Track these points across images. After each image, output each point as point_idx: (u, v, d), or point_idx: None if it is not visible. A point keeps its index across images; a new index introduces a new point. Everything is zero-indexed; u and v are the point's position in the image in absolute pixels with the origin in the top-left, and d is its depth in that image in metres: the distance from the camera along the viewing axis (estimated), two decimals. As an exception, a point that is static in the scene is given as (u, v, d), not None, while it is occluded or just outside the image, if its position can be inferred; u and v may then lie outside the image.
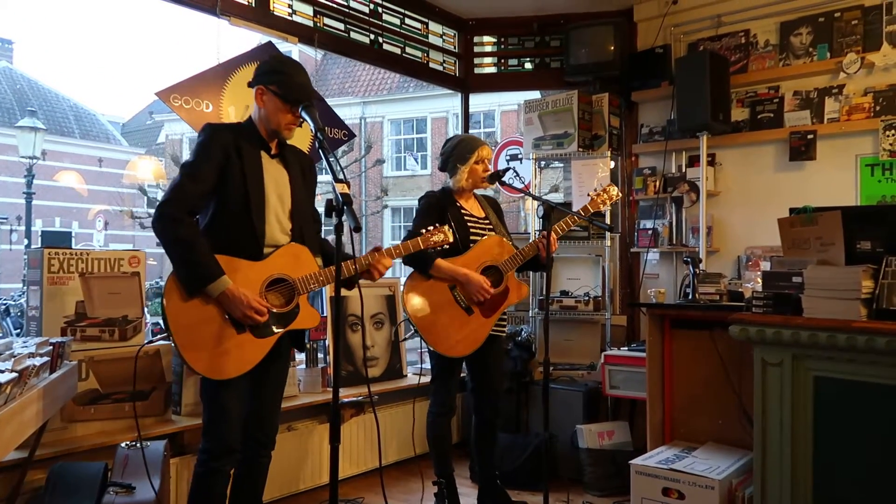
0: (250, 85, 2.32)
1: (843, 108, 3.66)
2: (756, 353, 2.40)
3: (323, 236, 2.58)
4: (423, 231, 2.57)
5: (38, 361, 2.03)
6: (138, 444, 2.49)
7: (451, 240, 2.58)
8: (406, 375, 4.16)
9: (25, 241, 14.78)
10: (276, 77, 2.26)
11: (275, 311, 2.23)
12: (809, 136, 3.73)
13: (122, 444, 2.52)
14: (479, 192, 3.20)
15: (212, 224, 2.22)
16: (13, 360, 1.91)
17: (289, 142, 2.41)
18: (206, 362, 2.13)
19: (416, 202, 3.13)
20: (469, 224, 3.00)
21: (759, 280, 2.60)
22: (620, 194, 3.25)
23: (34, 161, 13.41)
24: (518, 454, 3.61)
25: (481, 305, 2.90)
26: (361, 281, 2.38)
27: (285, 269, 2.26)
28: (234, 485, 2.34)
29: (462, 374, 3.17)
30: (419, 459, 3.76)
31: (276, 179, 2.30)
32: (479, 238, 2.98)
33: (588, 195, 3.07)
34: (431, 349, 2.92)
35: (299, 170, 2.40)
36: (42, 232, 20.12)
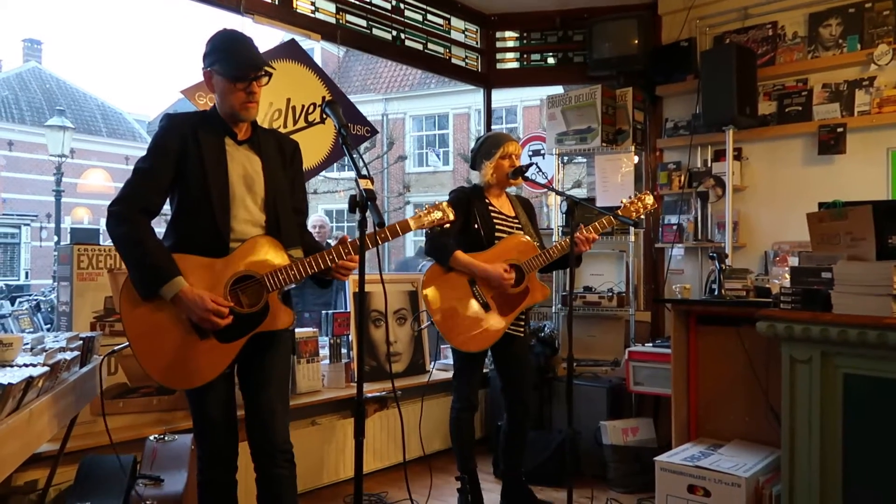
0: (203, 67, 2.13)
1: (874, 100, 3.59)
2: (784, 350, 2.37)
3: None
4: (417, 211, 2.36)
5: (68, 356, 2.07)
6: (166, 438, 2.53)
7: (450, 217, 2.33)
8: (429, 371, 4.17)
9: (55, 238, 15.05)
10: (218, 55, 2.07)
11: (241, 311, 2.02)
12: (839, 130, 3.66)
13: (151, 438, 2.56)
14: (512, 191, 3.18)
15: (174, 221, 2.06)
16: (45, 354, 1.95)
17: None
18: (165, 371, 1.98)
19: (437, 198, 3.13)
20: (496, 221, 2.99)
21: (787, 276, 2.56)
22: (656, 204, 3.17)
23: (63, 159, 13.65)
24: (541, 451, 3.60)
25: (499, 303, 2.89)
26: (385, 276, 2.31)
27: (251, 264, 2.04)
28: (258, 500, 2.18)
29: (486, 371, 3.17)
30: (443, 455, 3.76)
31: (244, 167, 2.10)
32: (504, 236, 2.97)
33: (621, 202, 2.99)
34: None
35: (278, 155, 2.19)
36: (71, 229, 20.48)
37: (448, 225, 2.38)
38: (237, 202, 2.07)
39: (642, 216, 3.10)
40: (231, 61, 2.06)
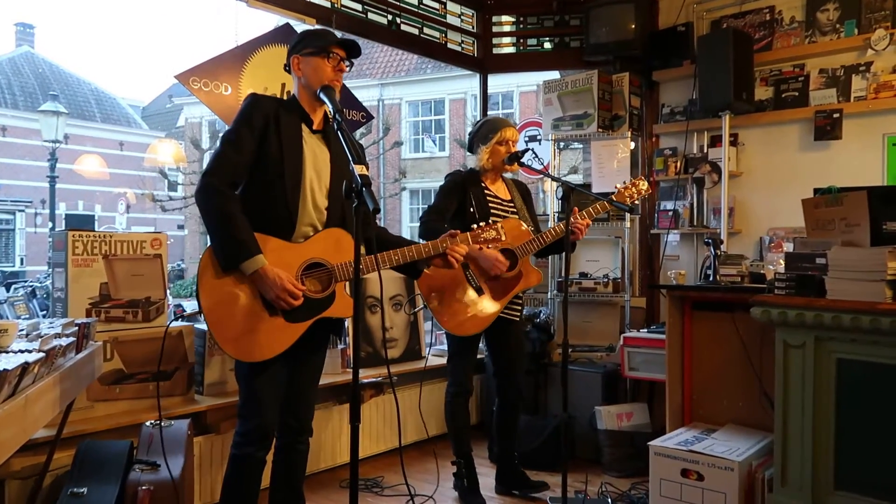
0: (286, 67, 2.28)
1: (871, 85, 3.58)
2: (778, 336, 2.38)
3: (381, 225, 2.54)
4: (474, 227, 2.41)
5: (64, 342, 2.07)
6: (162, 423, 2.53)
7: (503, 238, 2.40)
8: (425, 356, 4.18)
9: (50, 225, 15.00)
10: (308, 40, 2.25)
11: (310, 296, 2.15)
12: (835, 115, 3.66)
13: (147, 423, 2.56)
14: (509, 175, 3.18)
15: (246, 196, 2.15)
16: (40, 340, 1.95)
17: None
18: (232, 342, 2.08)
19: (434, 184, 3.13)
20: (491, 205, 2.99)
21: (782, 262, 2.57)
22: (650, 189, 3.18)
23: (57, 145, 13.57)
24: (536, 435, 3.62)
25: (492, 287, 2.90)
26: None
27: (325, 253, 2.17)
28: (272, 471, 2.31)
29: (480, 357, 3.18)
30: (439, 440, 3.79)
31: (315, 155, 2.22)
32: (500, 220, 2.96)
33: (615, 187, 3.00)
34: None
35: (343, 151, 2.27)
36: (66, 215, 20.41)
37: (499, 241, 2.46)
38: (306, 186, 2.18)
39: (637, 202, 3.11)
40: (321, 40, 2.24)
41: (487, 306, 2.91)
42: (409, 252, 2.26)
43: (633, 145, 4.15)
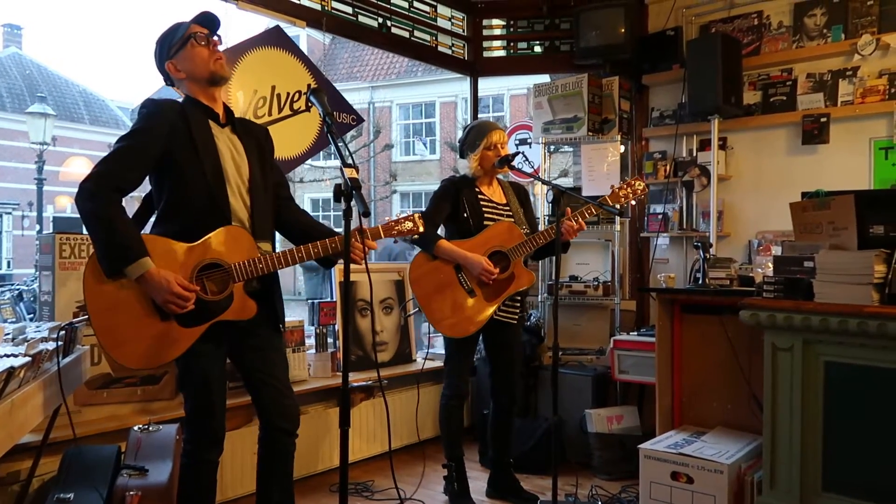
0: (167, 82, 2.17)
1: (858, 90, 3.61)
2: (766, 339, 2.39)
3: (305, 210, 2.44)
4: (387, 219, 2.38)
5: (50, 346, 2.05)
6: (150, 428, 2.51)
7: (420, 229, 2.31)
8: (416, 360, 4.18)
9: (37, 227, 14.87)
10: (167, 42, 2.13)
11: (205, 298, 2.04)
12: (823, 120, 3.69)
13: (135, 428, 2.54)
14: (505, 178, 3.18)
15: (170, 202, 2.07)
16: (26, 344, 1.93)
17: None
18: (122, 349, 1.99)
19: (424, 187, 3.13)
20: (485, 209, 2.99)
21: (770, 265, 2.59)
22: (647, 189, 3.14)
23: (45, 147, 13.46)
24: (527, 438, 3.62)
25: (484, 289, 2.90)
26: (371, 266, 2.32)
27: (221, 253, 2.06)
28: (261, 472, 2.27)
29: (475, 360, 3.18)
30: (429, 443, 3.78)
31: (230, 148, 2.14)
32: (491, 223, 2.97)
33: (611, 187, 2.96)
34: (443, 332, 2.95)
35: (254, 140, 2.23)
36: (54, 217, 20.25)
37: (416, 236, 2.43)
38: (230, 179, 2.11)
39: (632, 202, 3.11)
40: (178, 32, 2.11)
41: (480, 308, 2.91)
42: (314, 248, 2.14)
43: (622, 149, 4.16)
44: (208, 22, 2.15)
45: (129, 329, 1.99)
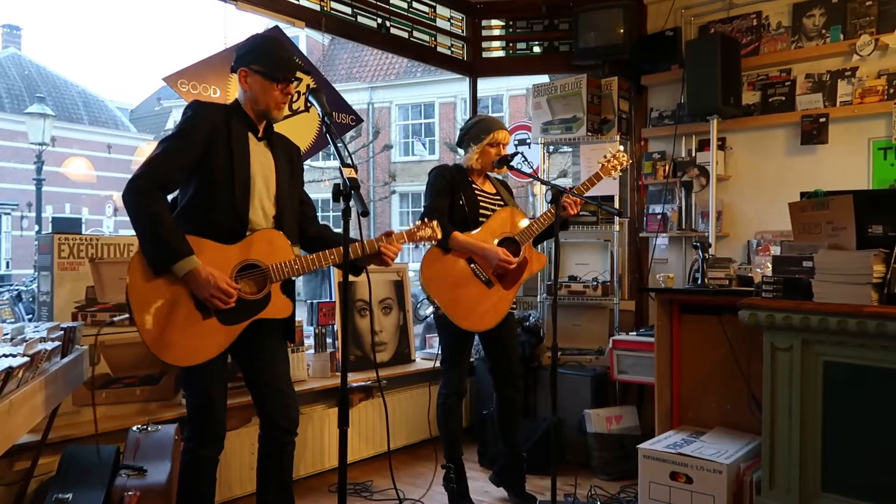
0: (233, 69, 2.23)
1: (857, 90, 3.61)
2: (765, 339, 2.40)
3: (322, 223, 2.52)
4: (410, 226, 2.44)
5: (49, 346, 2.05)
6: (149, 428, 2.51)
7: (439, 236, 2.43)
8: (414, 360, 4.17)
9: (36, 228, 14.87)
10: (259, 55, 2.17)
11: (246, 296, 2.12)
12: (821, 120, 3.69)
13: (134, 428, 2.54)
14: (491, 175, 3.18)
15: (193, 202, 2.12)
16: (25, 344, 1.93)
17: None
18: (165, 346, 2.03)
19: (424, 188, 3.10)
20: (480, 201, 2.99)
21: (769, 265, 2.59)
22: (630, 160, 3.22)
23: (44, 147, 13.46)
24: (526, 439, 3.61)
25: (501, 278, 2.90)
26: (369, 266, 2.34)
27: (259, 254, 2.15)
28: (260, 471, 2.28)
29: (472, 359, 3.18)
30: (428, 444, 3.78)
31: (262, 162, 2.21)
32: (489, 213, 2.97)
33: (598, 162, 3.03)
34: (441, 331, 2.95)
35: (286, 157, 2.31)
36: (52, 218, 20.24)
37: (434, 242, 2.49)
38: (255, 193, 2.16)
39: (620, 173, 3.16)
40: (276, 62, 2.17)
41: (501, 296, 2.91)
42: (305, 263, 2.20)
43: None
44: (292, 70, 2.21)
45: (172, 327, 2.04)
